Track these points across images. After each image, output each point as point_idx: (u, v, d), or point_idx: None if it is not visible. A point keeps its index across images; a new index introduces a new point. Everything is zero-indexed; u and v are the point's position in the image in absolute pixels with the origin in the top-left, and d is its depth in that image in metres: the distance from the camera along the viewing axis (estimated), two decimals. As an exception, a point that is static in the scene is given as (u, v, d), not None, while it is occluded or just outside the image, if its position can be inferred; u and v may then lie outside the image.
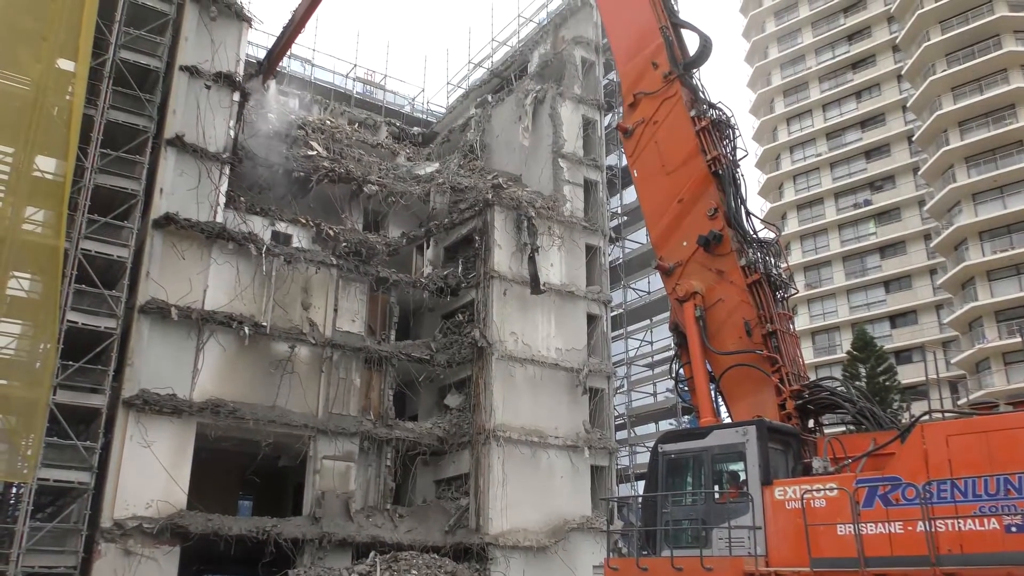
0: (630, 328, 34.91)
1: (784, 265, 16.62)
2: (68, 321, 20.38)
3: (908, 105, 54.00)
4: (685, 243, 16.07)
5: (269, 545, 22.07)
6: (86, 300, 21.04)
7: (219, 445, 23.44)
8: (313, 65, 40.65)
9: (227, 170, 24.67)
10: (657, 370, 34.51)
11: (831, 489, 11.71)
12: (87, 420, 20.97)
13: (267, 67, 28.93)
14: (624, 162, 33.59)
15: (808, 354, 53.80)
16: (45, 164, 21.20)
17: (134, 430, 21.24)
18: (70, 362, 20.18)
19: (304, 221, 26.90)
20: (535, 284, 27.39)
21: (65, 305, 20.34)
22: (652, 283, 34.53)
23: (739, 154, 16.41)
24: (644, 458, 31.01)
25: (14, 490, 21.65)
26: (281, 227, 26.42)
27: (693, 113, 16.34)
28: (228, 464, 26.45)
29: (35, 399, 19.47)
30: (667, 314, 32.05)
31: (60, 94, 21.44)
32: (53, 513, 21.30)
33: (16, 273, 20.36)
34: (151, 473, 21.18)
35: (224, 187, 24.47)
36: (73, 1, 21.54)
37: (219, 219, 24.04)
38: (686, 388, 16.24)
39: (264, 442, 23.67)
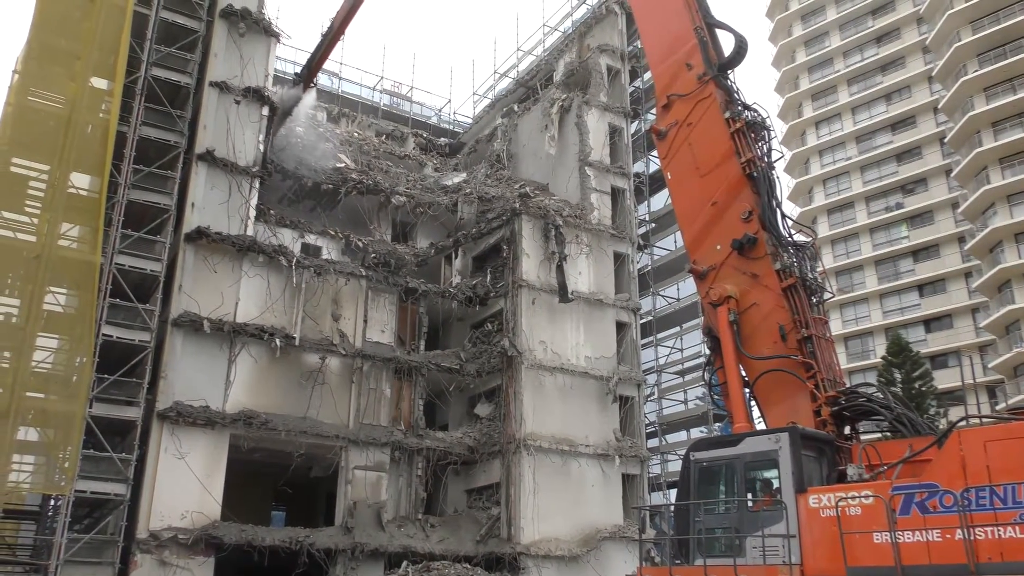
0: (660, 335, 34.72)
1: (820, 269, 16.43)
2: (103, 335, 20.68)
3: (940, 107, 53.34)
4: (719, 247, 15.94)
5: (302, 555, 22.16)
6: (120, 314, 21.34)
7: (252, 456, 23.63)
8: (341, 78, 41.06)
9: (257, 184, 24.93)
10: (688, 377, 34.27)
11: (867, 496, 11.54)
12: (122, 432, 21.24)
13: (307, 75, 29.26)
14: (651, 169, 33.59)
15: (841, 359, 53.09)
16: (79, 181, 21.61)
17: (168, 442, 21.47)
18: (105, 375, 20.47)
19: (333, 233, 27.10)
20: (563, 292, 27.34)
21: (100, 319, 20.66)
22: (681, 290, 34.34)
23: (774, 156, 16.27)
24: (676, 466, 30.79)
25: (52, 502, 21.95)
26: (311, 239, 26.61)
27: (728, 115, 16.19)
28: (261, 475, 26.65)
29: (72, 412, 19.76)
30: (697, 321, 31.93)
31: (93, 112, 21.85)
32: (90, 525, 21.58)
33: (53, 288, 20.73)
34: (185, 484, 21.38)
35: (254, 200, 24.73)
36: (105, 20, 21.97)
37: (249, 232, 24.28)
38: (720, 394, 16.09)
39: (296, 453, 23.81)
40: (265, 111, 25.66)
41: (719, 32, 17.47)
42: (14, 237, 20.83)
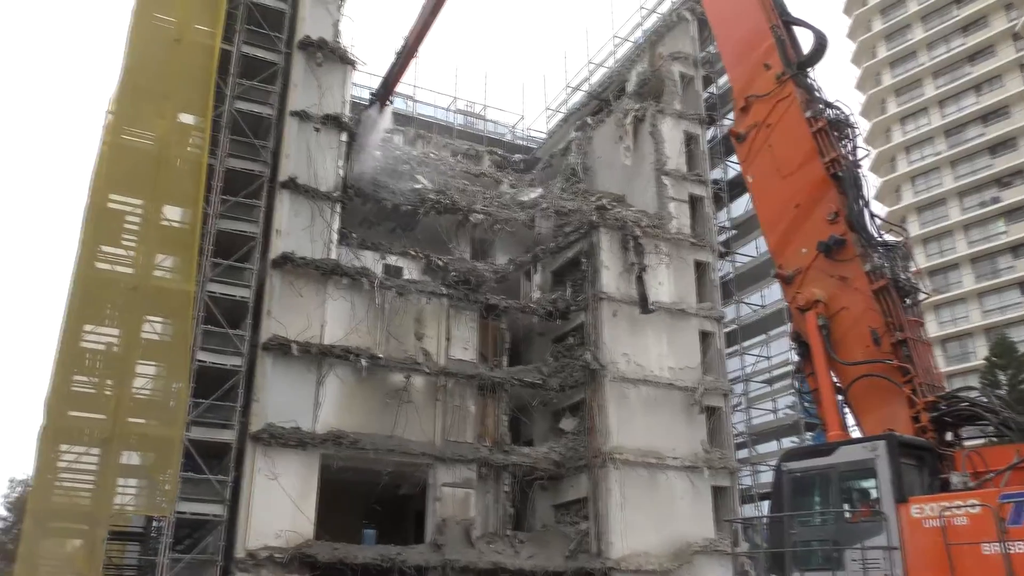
0: (745, 344, 33.98)
1: (913, 268, 15.80)
2: (197, 361, 21.46)
3: (1034, 94, 51.02)
4: (804, 250, 15.53)
5: (394, 573, 22.37)
6: (213, 340, 22.12)
7: (342, 475, 24.04)
8: (415, 101, 41.70)
9: (338, 208, 25.52)
10: (776, 385, 33.41)
11: (973, 506, 11.03)
12: (218, 455, 21.91)
13: (384, 92, 29.90)
14: (730, 175, 33.00)
15: (939, 363, 51.11)
16: (171, 213, 22.55)
17: (262, 463, 22.03)
18: (201, 400, 21.22)
19: (413, 253, 27.47)
20: (644, 303, 27.03)
21: (195, 345, 21.43)
22: (766, 297, 33.54)
23: (860, 154, 15.78)
24: (767, 477, 30.03)
25: (154, 523, 22.78)
26: (392, 260, 27.03)
27: (809, 114, 15.80)
28: (351, 494, 27.04)
29: (171, 436, 20.54)
30: (783, 328, 31.14)
31: (182, 146, 22.83)
32: (191, 545, 22.31)
33: (150, 317, 21.63)
34: (279, 504, 21.89)
35: (336, 224, 25.31)
36: (191, 59, 22.93)
37: (333, 256, 24.84)
38: (811, 402, 15.63)
39: (384, 471, 24.14)
40: (344, 137, 26.29)
41: (797, 30, 17.06)
42: (112, 270, 21.86)
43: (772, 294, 32.21)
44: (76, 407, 21.46)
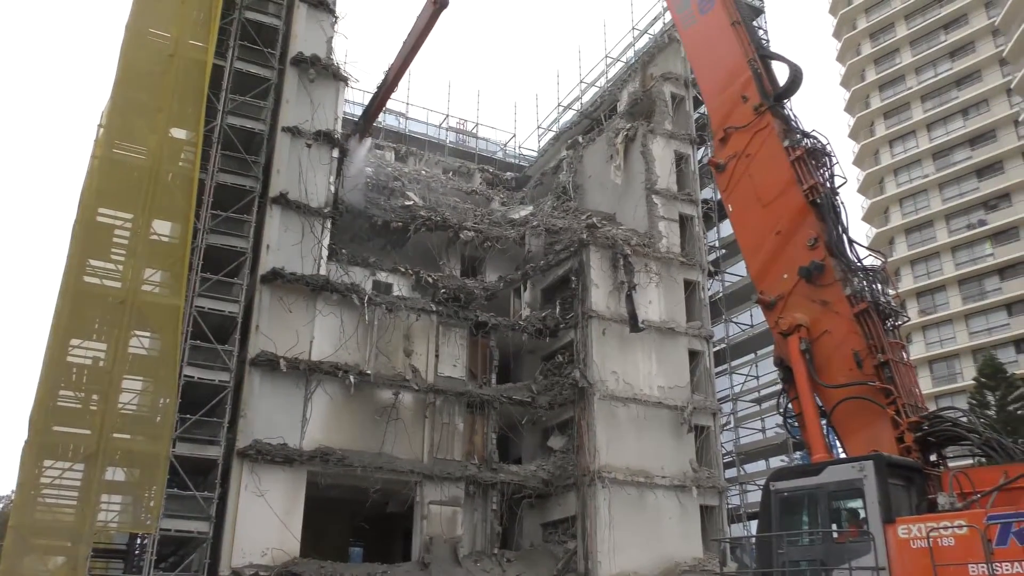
0: (734, 363, 34.03)
1: (893, 292, 16.07)
2: (185, 376, 21.33)
3: (1021, 119, 51.55)
4: (786, 276, 15.80)
5: (380, 591, 22.23)
6: (201, 355, 22.01)
7: (329, 493, 23.92)
8: (407, 118, 41.87)
9: (328, 224, 25.51)
10: (764, 405, 33.47)
11: (960, 526, 11.07)
12: (204, 471, 21.75)
13: (364, 125, 29.97)
14: (719, 195, 33.16)
15: (926, 384, 51.34)
16: (161, 227, 22.48)
17: (248, 480, 21.88)
18: (188, 415, 21.07)
19: (404, 270, 27.47)
20: (634, 322, 27.10)
21: (182, 361, 21.31)
22: (755, 316, 33.63)
23: (837, 181, 16.10)
24: (755, 497, 30.00)
25: (139, 541, 22.57)
26: (382, 277, 27.02)
27: (787, 143, 16.19)
28: (338, 511, 26.92)
29: (156, 452, 20.39)
30: (772, 347, 31.21)
31: (173, 161, 22.80)
32: (175, 562, 22.08)
33: (137, 332, 21.51)
34: (265, 522, 21.71)
35: (326, 241, 25.29)
36: (184, 74, 22.95)
37: (322, 272, 24.81)
38: (795, 424, 15.75)
39: (372, 489, 24.00)
40: (335, 153, 26.33)
41: (774, 64, 17.50)
42: (101, 284, 21.75)
43: (761, 314, 32.23)
44: (61, 422, 21.26)
